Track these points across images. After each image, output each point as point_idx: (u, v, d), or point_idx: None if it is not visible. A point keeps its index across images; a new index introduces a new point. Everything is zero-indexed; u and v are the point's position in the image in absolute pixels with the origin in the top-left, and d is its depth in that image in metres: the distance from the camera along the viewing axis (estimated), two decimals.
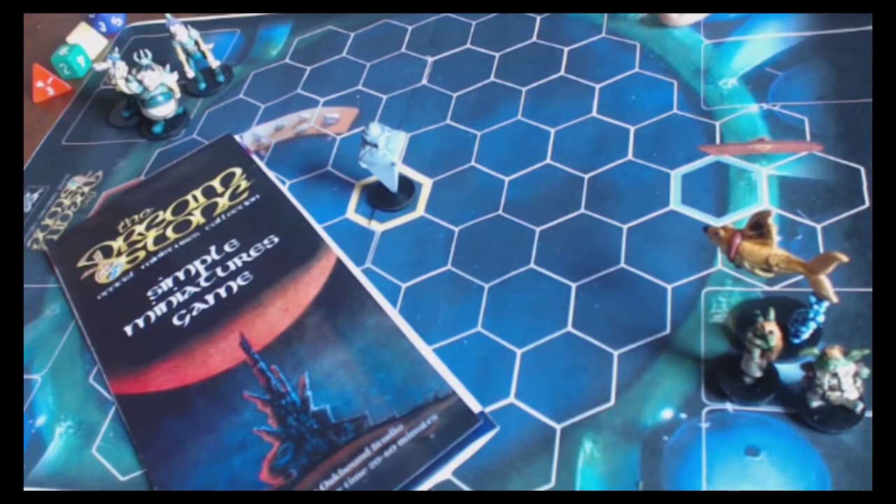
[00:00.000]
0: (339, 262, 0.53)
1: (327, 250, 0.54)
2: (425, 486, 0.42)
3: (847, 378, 0.38)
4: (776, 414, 0.41)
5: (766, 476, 0.39)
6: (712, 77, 0.59)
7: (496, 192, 0.56)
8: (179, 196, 0.62)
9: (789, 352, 0.41)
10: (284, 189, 0.60)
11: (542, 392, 0.45)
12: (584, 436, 0.42)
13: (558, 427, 0.43)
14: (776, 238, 0.40)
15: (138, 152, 0.69)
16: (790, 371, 0.42)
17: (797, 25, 0.60)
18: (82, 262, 0.60)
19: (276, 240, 0.56)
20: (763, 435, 0.40)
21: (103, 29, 0.83)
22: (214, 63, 0.73)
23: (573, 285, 0.49)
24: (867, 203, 0.48)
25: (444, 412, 0.44)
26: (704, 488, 0.39)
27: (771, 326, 0.39)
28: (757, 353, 0.40)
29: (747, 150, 0.53)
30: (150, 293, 0.56)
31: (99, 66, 0.69)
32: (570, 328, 0.47)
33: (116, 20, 0.84)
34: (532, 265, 0.51)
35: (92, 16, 0.83)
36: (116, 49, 0.70)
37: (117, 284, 0.57)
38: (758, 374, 0.41)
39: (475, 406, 0.44)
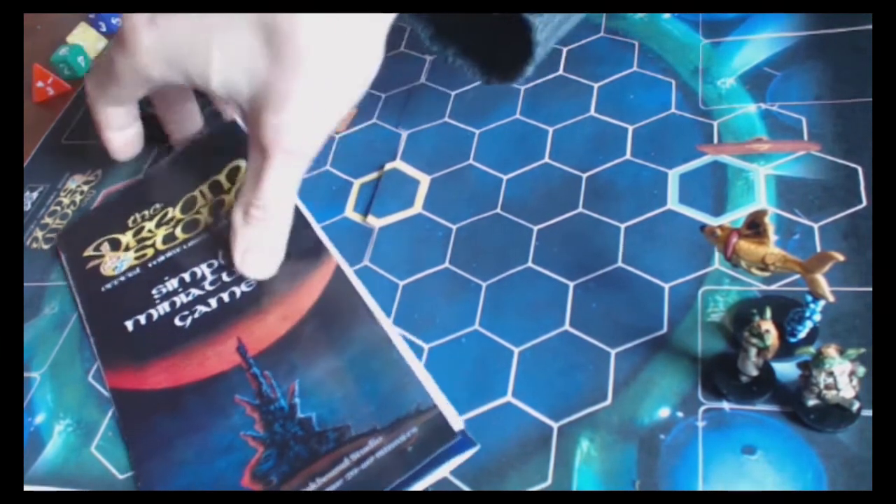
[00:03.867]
0: (337, 269, 0.53)
1: (327, 256, 0.54)
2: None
3: (843, 377, 0.38)
4: (772, 413, 0.41)
5: (762, 474, 0.39)
6: (710, 77, 0.59)
7: (494, 190, 0.56)
8: (187, 192, 0.62)
9: (786, 350, 0.41)
10: None
11: (539, 390, 0.45)
12: (581, 434, 0.43)
13: (555, 425, 0.43)
14: (773, 237, 0.40)
15: None
16: (786, 370, 0.42)
17: (795, 25, 0.60)
18: (89, 252, 0.60)
19: None
20: (759, 433, 0.40)
21: (103, 29, 0.84)
22: None
23: (571, 284, 0.49)
24: (864, 202, 0.48)
25: (423, 424, 0.43)
26: (701, 487, 0.39)
27: (767, 325, 0.39)
28: (753, 351, 0.40)
29: (745, 150, 0.53)
30: (154, 291, 0.56)
31: None
32: (567, 327, 0.47)
33: (116, 20, 0.84)
34: (530, 264, 0.51)
35: (92, 16, 0.84)
36: None
37: (122, 279, 0.57)
38: (754, 372, 0.41)
39: (455, 421, 0.44)
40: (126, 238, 0.60)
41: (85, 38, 0.81)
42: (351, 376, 0.47)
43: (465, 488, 0.42)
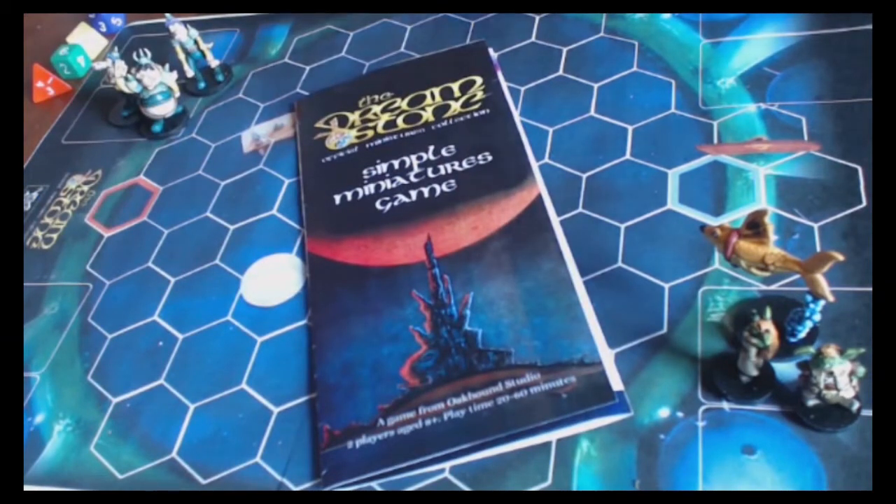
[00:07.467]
0: (538, 198, 0.53)
1: (532, 183, 0.55)
2: (535, 440, 0.42)
3: (843, 377, 0.38)
4: (772, 413, 0.41)
5: (762, 474, 0.39)
6: (710, 76, 0.59)
7: None
8: (419, 89, 0.64)
9: (786, 351, 0.41)
10: (515, 112, 0.61)
11: None
12: (581, 434, 0.42)
13: None
14: (773, 237, 0.40)
15: (137, 151, 0.69)
16: (786, 370, 0.42)
17: (795, 25, 0.60)
18: (320, 124, 0.64)
19: (489, 157, 0.57)
20: (759, 433, 0.40)
21: (103, 29, 0.84)
22: (214, 62, 0.73)
23: None
24: (864, 202, 0.48)
25: (583, 377, 0.43)
26: (701, 487, 0.39)
27: (767, 325, 0.39)
28: (753, 351, 0.40)
29: (745, 150, 0.53)
30: (364, 172, 0.59)
31: (98, 66, 0.69)
32: None
33: (116, 20, 0.84)
34: None
35: (92, 16, 0.84)
36: (116, 48, 0.70)
37: (341, 154, 0.61)
38: (754, 372, 0.41)
39: (616, 383, 0.43)
40: (353, 116, 0.63)
41: (85, 38, 0.82)
42: (524, 306, 0.47)
43: (465, 488, 0.42)
